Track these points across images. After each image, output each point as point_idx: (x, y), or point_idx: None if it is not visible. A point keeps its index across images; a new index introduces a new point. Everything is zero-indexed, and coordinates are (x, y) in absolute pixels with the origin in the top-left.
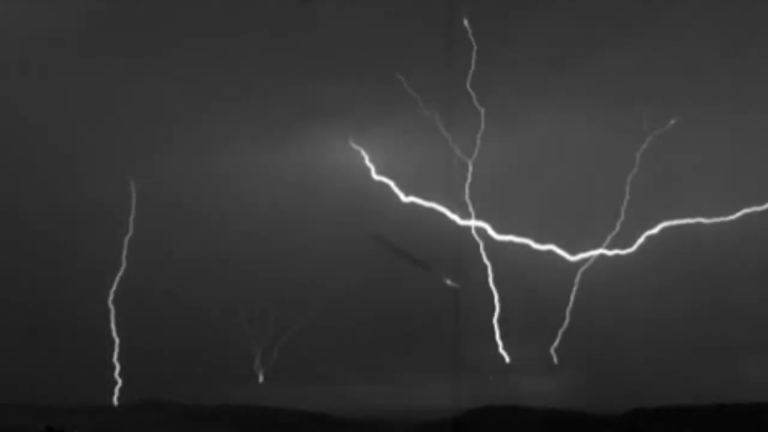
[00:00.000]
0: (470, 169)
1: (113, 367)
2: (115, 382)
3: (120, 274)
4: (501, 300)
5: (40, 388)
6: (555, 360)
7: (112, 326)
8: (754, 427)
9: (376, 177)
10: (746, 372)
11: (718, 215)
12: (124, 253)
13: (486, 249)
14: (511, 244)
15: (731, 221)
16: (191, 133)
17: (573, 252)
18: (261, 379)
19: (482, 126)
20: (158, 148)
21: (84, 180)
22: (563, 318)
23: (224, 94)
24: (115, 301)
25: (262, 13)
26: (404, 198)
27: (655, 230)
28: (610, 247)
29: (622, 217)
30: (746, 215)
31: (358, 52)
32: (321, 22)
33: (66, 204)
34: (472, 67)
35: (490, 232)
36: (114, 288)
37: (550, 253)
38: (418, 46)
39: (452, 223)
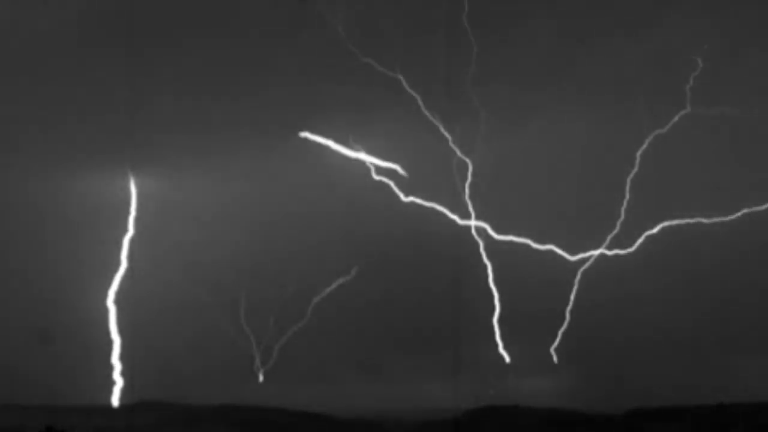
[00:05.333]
0: (470, 169)
1: (113, 367)
2: (115, 382)
3: (120, 274)
4: (501, 300)
5: (40, 388)
6: (555, 360)
7: (112, 326)
8: (753, 427)
9: (376, 177)
10: (746, 372)
11: (718, 215)
12: (124, 253)
13: (486, 249)
14: (511, 244)
15: (731, 221)
16: (191, 133)
17: (573, 252)
18: (261, 379)
19: (482, 126)
20: (158, 148)
21: (84, 180)
22: (563, 318)
23: (223, 93)
24: (115, 301)
25: (261, 12)
26: (404, 198)
27: (655, 230)
28: (610, 247)
29: (622, 217)
30: (746, 215)
31: (358, 52)
32: (320, 21)
33: (65, 204)
34: (472, 67)
35: (490, 232)
36: (114, 288)
37: (550, 253)
38: (418, 46)
39: (452, 223)
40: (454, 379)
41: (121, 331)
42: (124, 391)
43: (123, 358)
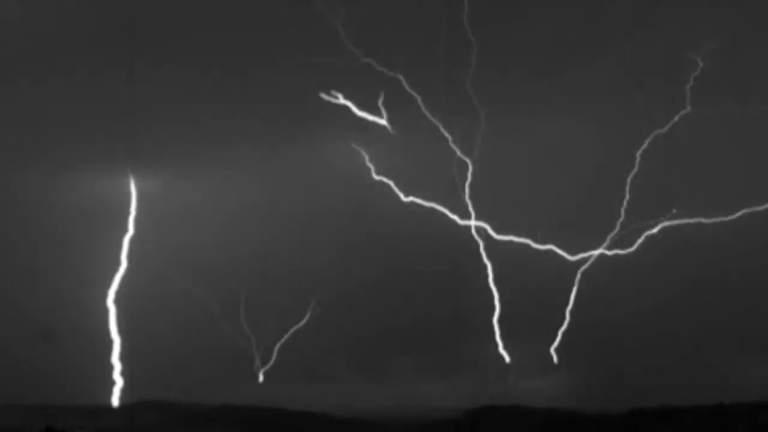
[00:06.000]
0: (470, 169)
1: (113, 367)
2: (115, 382)
3: (120, 274)
4: (501, 300)
5: (40, 388)
6: (555, 360)
7: (112, 326)
8: (753, 427)
9: (376, 177)
10: (746, 372)
11: (718, 215)
12: (124, 253)
13: (486, 249)
14: (511, 244)
15: (731, 221)
16: (192, 133)
17: (573, 252)
18: (261, 379)
19: (482, 126)
20: (159, 149)
21: (84, 180)
22: (563, 318)
23: (224, 93)
24: (115, 301)
25: (261, 11)
26: (404, 198)
27: (655, 230)
28: (610, 247)
29: (622, 217)
30: (746, 215)
31: (358, 52)
32: (320, 21)
33: (66, 203)
34: (473, 67)
35: (490, 232)
36: (114, 288)
37: (550, 253)
38: (418, 46)
39: (452, 223)
40: (454, 379)
41: (121, 331)
42: (124, 391)
43: (123, 358)
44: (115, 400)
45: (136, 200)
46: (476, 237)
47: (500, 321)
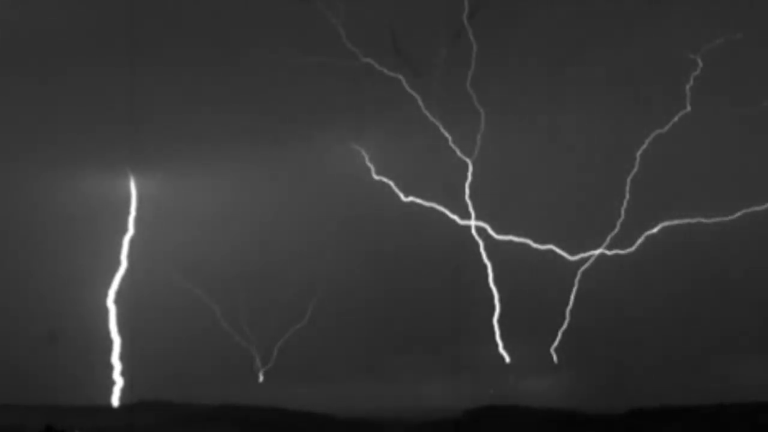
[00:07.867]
0: (470, 169)
1: (113, 367)
2: (115, 382)
3: (120, 274)
4: (501, 300)
5: (40, 388)
6: (555, 360)
7: (112, 326)
8: (754, 427)
9: (376, 177)
10: (746, 372)
11: (718, 215)
12: (124, 253)
13: (486, 249)
14: (511, 243)
15: (731, 221)
16: (191, 133)
17: (573, 252)
18: (261, 379)
19: (482, 126)
20: (159, 148)
21: (84, 180)
22: (563, 318)
23: (224, 93)
24: (115, 301)
25: (261, 11)
26: (404, 198)
27: (655, 230)
28: (610, 247)
29: (622, 217)
30: (746, 215)
31: (358, 52)
32: (320, 20)
33: (66, 204)
34: (472, 67)
35: (490, 232)
36: (114, 288)
37: (550, 252)
38: (417, 46)
39: (452, 223)
40: (454, 379)
41: (121, 331)
42: (124, 391)
43: (123, 358)
44: (115, 400)
45: (136, 200)
46: (476, 237)
47: (500, 321)
